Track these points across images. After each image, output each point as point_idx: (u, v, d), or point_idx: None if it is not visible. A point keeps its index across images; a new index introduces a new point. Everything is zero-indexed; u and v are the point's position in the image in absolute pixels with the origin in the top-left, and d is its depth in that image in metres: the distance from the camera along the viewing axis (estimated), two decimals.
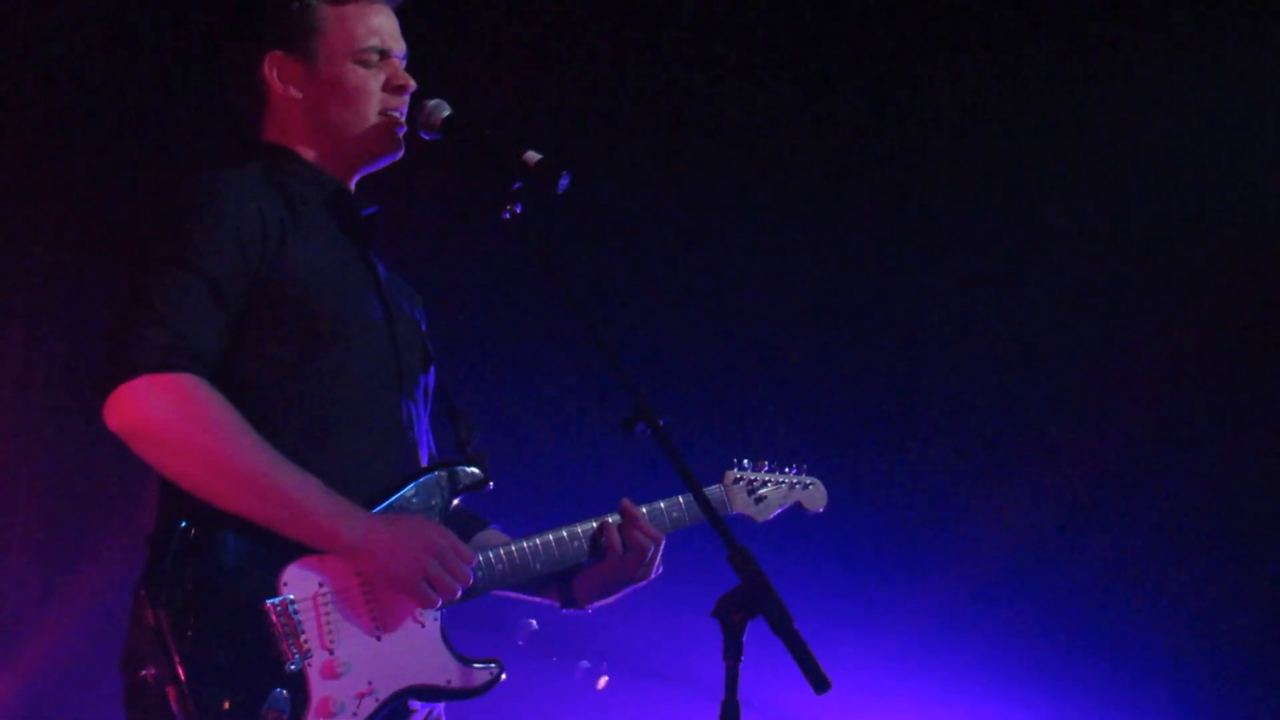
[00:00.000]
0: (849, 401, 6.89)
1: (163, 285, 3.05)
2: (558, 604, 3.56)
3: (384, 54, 3.37)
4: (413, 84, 3.38)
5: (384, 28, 3.39)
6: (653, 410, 2.89)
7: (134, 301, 3.06)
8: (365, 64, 3.35)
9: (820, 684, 2.62)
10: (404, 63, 3.42)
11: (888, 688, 6.84)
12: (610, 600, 3.54)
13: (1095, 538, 6.82)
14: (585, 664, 6.57)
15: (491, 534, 3.51)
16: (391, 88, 3.36)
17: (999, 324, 6.79)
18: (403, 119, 3.37)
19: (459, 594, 3.15)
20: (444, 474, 3.30)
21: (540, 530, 3.43)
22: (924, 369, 6.91)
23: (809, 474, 4.08)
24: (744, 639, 2.71)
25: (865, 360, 6.89)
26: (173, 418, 2.99)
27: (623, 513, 3.46)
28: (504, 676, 3.23)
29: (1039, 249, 6.70)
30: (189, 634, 2.90)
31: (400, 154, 3.42)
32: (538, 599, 3.54)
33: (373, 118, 3.35)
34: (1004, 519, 6.80)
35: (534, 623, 6.21)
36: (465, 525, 3.42)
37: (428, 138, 3.36)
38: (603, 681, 6.56)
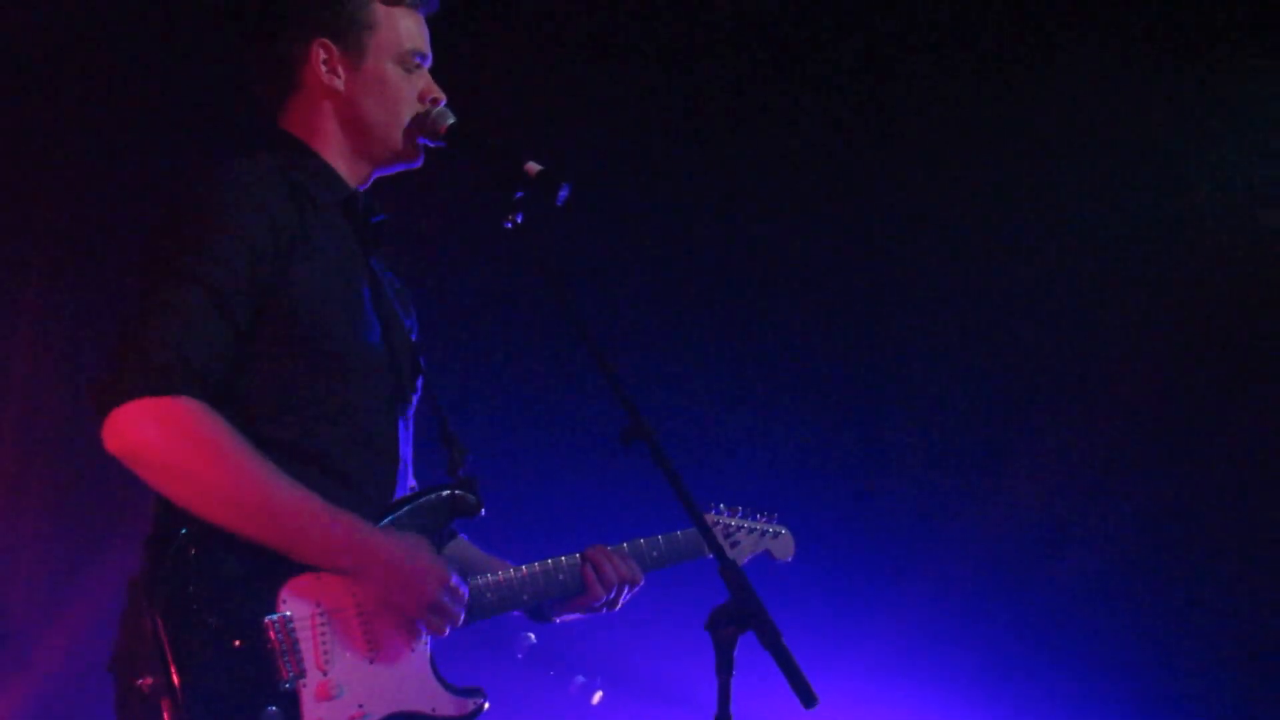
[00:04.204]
0: (829, 408, 6.91)
1: (167, 301, 2.99)
2: (525, 613, 3.61)
3: (423, 59, 3.42)
4: (444, 98, 3.43)
5: (425, 35, 3.45)
6: (650, 428, 2.92)
7: (136, 317, 3.01)
8: (406, 67, 3.39)
9: (808, 699, 2.66)
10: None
11: (872, 700, 6.84)
12: (578, 618, 3.65)
13: (1080, 544, 6.81)
14: (581, 679, 6.58)
15: (461, 544, 3.57)
16: (426, 100, 3.40)
17: (978, 327, 6.80)
18: None
19: (447, 633, 3.17)
20: (437, 498, 3.31)
21: (520, 560, 3.51)
22: (905, 369, 6.92)
23: (778, 523, 4.23)
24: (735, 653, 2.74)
25: (842, 360, 6.90)
26: (170, 443, 2.94)
27: (594, 558, 3.57)
28: (487, 706, 3.26)
29: (1015, 259, 6.72)
30: (186, 644, 2.88)
31: (419, 164, 3.45)
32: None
33: (405, 122, 3.38)
34: (987, 528, 6.82)
35: (532, 636, 6.21)
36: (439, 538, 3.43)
37: (430, 145, 3.39)
38: (598, 697, 6.57)
